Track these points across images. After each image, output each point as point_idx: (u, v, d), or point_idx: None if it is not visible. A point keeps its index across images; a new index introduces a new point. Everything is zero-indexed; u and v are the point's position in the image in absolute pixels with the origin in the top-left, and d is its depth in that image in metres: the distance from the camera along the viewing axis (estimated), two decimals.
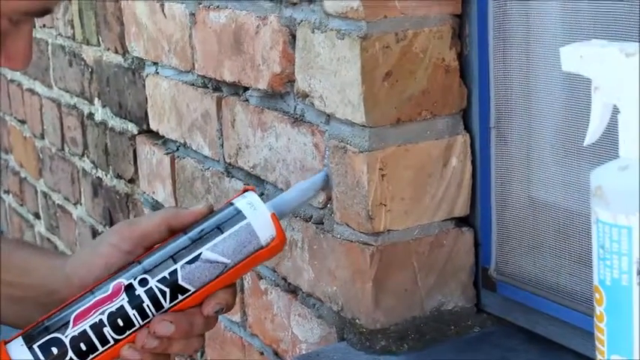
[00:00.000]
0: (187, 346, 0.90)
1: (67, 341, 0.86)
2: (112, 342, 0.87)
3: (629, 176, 0.65)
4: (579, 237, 0.98)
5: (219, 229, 0.88)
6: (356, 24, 1.01)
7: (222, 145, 1.35)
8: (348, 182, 1.06)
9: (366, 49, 1.01)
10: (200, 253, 0.87)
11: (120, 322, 0.87)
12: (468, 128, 1.08)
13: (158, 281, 0.87)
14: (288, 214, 0.97)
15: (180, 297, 0.87)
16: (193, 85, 1.43)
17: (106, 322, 0.87)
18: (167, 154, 1.56)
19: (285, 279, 1.23)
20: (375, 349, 1.07)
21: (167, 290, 0.87)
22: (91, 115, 1.97)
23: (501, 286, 1.08)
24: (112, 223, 1.93)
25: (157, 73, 1.57)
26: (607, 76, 0.68)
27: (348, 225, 1.08)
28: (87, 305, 0.87)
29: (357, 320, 1.08)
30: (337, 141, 1.07)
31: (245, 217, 0.88)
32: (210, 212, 0.91)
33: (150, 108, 1.61)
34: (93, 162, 2.00)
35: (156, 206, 1.65)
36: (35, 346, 0.86)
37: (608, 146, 0.80)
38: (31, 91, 2.44)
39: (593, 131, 0.70)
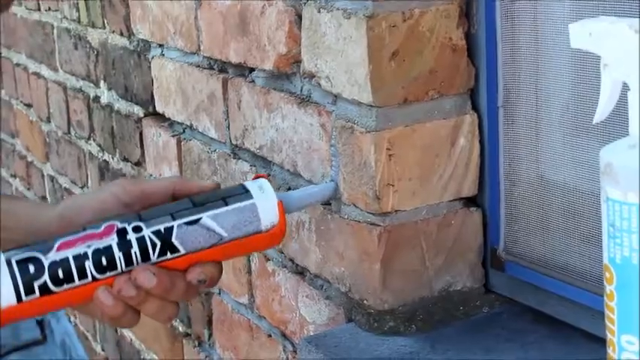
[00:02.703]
0: (161, 311, 0.86)
1: (46, 263, 0.83)
2: (89, 278, 0.83)
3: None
4: (589, 216, 0.97)
5: (224, 200, 0.87)
6: (362, 3, 1.01)
7: (228, 127, 1.35)
8: (355, 163, 1.05)
9: (373, 29, 1.00)
10: (200, 218, 0.85)
11: (103, 261, 0.83)
12: (475, 108, 1.07)
13: (152, 232, 0.84)
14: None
15: (169, 255, 0.85)
16: (199, 66, 1.43)
17: (89, 256, 0.83)
18: (173, 136, 1.56)
19: (292, 260, 1.23)
20: (384, 330, 1.07)
21: (158, 243, 0.84)
22: (96, 98, 1.96)
23: (510, 266, 1.08)
24: None
25: (163, 55, 1.57)
26: (616, 52, 0.67)
27: (355, 205, 1.07)
28: (74, 237, 0.84)
29: (365, 301, 1.08)
30: (344, 121, 1.07)
31: (252, 197, 0.87)
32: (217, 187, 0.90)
33: (156, 90, 1.61)
34: (99, 145, 2.00)
35: None
36: (13, 259, 0.83)
37: (617, 124, 0.79)
38: (37, 75, 2.44)
39: (603, 109, 0.69)
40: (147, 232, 0.84)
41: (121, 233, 0.84)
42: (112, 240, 0.84)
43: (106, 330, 2.20)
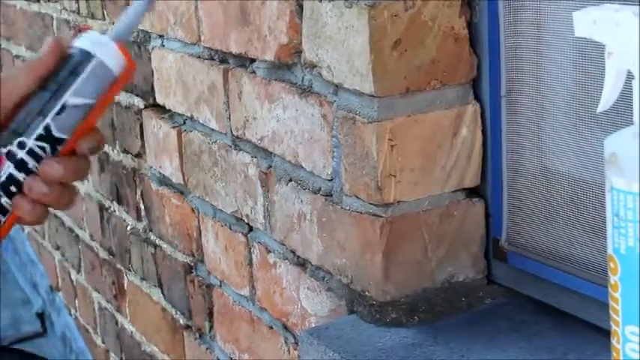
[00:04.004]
0: (61, 196, 0.89)
1: None
2: (10, 211, 0.88)
3: None
4: (592, 206, 0.97)
5: (74, 74, 0.88)
6: None
7: (229, 118, 1.34)
8: (357, 153, 1.05)
9: (375, 18, 0.99)
10: (65, 102, 0.88)
11: (13, 189, 0.88)
12: (478, 97, 1.07)
13: (35, 140, 0.87)
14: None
15: (59, 148, 0.88)
16: (199, 57, 1.42)
17: (1, 193, 0.88)
18: (174, 127, 1.55)
19: (293, 252, 1.23)
20: (386, 322, 1.07)
21: (46, 146, 0.88)
22: None
23: (512, 257, 1.07)
24: (118, 199, 1.93)
25: (163, 46, 1.56)
26: (621, 40, 0.67)
27: (357, 196, 1.07)
28: None
29: (366, 293, 1.08)
30: (346, 111, 1.06)
31: (94, 56, 0.89)
32: (58, 46, 0.90)
33: (156, 81, 1.60)
34: None
35: (163, 181, 1.64)
36: None
37: (622, 113, 0.79)
38: None
39: (607, 98, 0.69)
40: (31, 143, 0.87)
41: (11, 157, 0.88)
42: (9, 168, 0.87)
43: (107, 323, 2.19)
